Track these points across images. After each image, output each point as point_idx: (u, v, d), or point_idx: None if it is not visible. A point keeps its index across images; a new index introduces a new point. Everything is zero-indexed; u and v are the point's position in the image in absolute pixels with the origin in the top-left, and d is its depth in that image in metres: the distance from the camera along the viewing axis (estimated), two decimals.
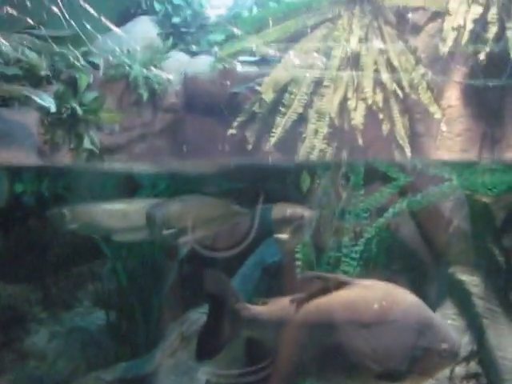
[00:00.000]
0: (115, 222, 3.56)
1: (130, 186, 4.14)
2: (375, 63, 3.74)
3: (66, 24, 3.81)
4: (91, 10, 3.71)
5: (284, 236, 3.07)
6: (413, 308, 2.63)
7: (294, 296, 2.75)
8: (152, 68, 4.22)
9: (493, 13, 3.54)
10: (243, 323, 2.84)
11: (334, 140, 3.76)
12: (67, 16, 3.77)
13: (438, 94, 3.74)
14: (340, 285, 2.68)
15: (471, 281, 3.51)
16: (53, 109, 3.97)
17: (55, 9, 3.70)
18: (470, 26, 3.55)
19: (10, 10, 3.56)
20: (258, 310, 2.83)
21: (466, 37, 3.57)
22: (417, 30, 3.86)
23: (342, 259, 3.45)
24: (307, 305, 2.70)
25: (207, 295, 2.93)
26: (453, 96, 3.77)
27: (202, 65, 4.21)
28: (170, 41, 4.42)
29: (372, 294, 2.63)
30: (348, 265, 3.41)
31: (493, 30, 3.52)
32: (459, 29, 3.59)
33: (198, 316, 3.79)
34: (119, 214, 3.57)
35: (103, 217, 3.60)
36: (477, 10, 3.55)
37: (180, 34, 4.46)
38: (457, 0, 3.61)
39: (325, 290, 2.67)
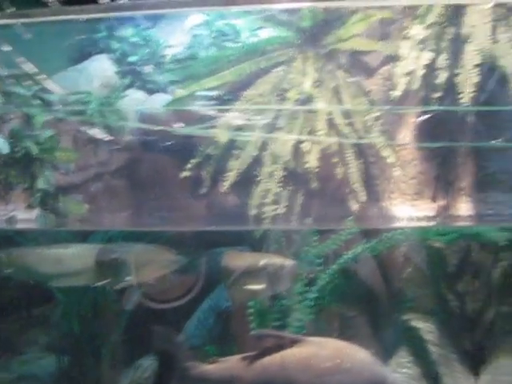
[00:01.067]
0: (49, 267, 3.49)
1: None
2: (329, 106, 3.77)
3: (21, 62, 3.77)
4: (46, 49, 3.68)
5: (259, 286, 2.99)
6: (366, 365, 2.61)
7: (246, 354, 2.71)
8: (108, 106, 4.18)
9: (443, 59, 3.62)
10: (193, 382, 2.79)
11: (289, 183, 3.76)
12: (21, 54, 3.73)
13: (391, 137, 3.78)
14: (293, 342, 2.65)
15: (426, 327, 3.49)
16: (6, 150, 3.88)
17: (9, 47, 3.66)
18: (420, 71, 3.62)
19: None
20: (208, 368, 2.78)
21: (417, 82, 3.63)
22: (370, 72, 3.91)
23: (295, 307, 3.42)
24: (259, 362, 2.67)
25: (156, 353, 2.87)
26: (406, 138, 3.82)
27: (158, 103, 4.19)
28: (127, 79, 4.39)
29: (325, 352, 2.61)
30: (301, 313, 3.38)
31: (443, 76, 3.59)
32: (410, 74, 3.65)
33: (151, 363, 3.72)
34: (53, 259, 3.50)
35: (37, 261, 3.53)
36: (427, 56, 3.62)
37: (137, 72, 4.43)
38: (407, 45, 3.68)
39: (277, 348, 2.64)
